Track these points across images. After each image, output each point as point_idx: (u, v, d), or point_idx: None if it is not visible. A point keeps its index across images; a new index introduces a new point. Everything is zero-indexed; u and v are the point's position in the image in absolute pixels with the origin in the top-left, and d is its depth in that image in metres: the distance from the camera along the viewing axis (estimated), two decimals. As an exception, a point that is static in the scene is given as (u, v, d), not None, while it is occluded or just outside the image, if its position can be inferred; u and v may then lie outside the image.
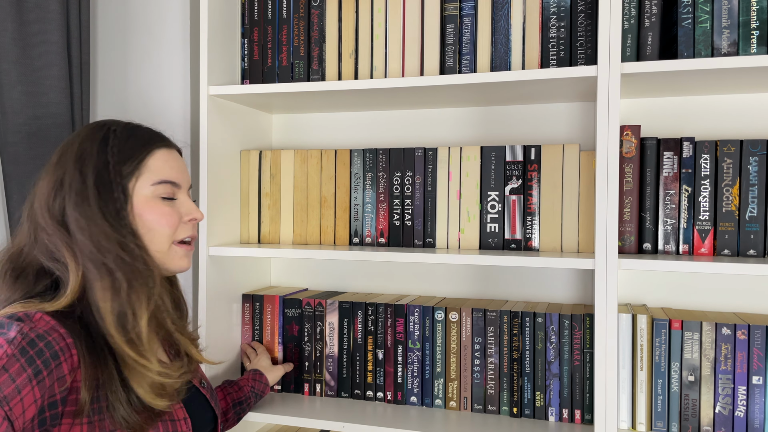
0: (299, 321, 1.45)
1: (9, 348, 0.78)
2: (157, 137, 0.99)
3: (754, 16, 1.11)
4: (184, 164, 1.03)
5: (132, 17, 1.66)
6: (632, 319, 1.23)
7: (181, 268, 0.99)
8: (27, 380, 0.78)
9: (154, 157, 0.96)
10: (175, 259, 0.98)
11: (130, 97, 1.67)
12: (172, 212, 0.96)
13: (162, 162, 0.97)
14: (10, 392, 0.76)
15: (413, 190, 1.37)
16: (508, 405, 1.31)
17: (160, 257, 0.96)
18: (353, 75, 1.35)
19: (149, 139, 0.98)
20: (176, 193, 0.98)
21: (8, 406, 0.75)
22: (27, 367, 0.78)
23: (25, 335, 0.80)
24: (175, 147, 1.03)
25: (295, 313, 1.45)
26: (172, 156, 1.00)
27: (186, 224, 0.99)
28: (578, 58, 1.23)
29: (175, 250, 0.98)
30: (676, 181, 1.22)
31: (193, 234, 1.01)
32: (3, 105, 1.38)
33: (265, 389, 1.33)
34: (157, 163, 0.96)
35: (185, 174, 1.02)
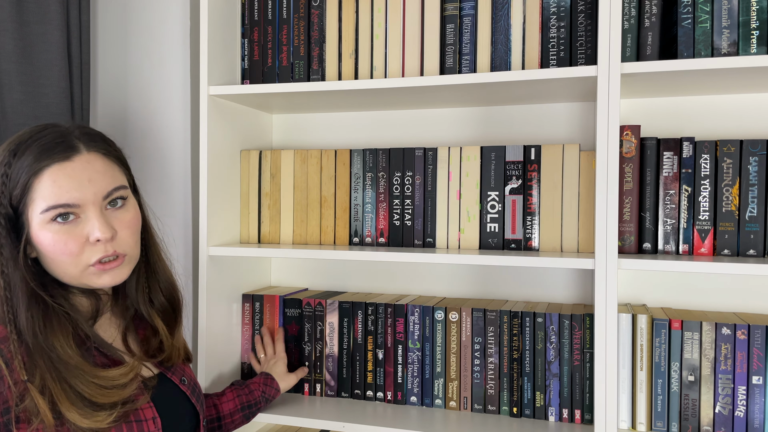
0: (299, 321, 1.45)
1: None
2: (46, 153, 0.88)
3: (754, 16, 1.11)
4: (92, 172, 0.90)
5: (132, 17, 1.66)
6: (632, 319, 1.23)
7: (103, 285, 0.92)
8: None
9: (41, 178, 0.86)
10: (92, 278, 0.91)
11: (130, 97, 1.67)
12: (69, 239, 0.87)
13: (50, 182, 0.86)
14: None
15: (413, 190, 1.37)
16: (508, 405, 1.31)
17: (76, 280, 0.91)
18: (353, 75, 1.35)
19: (36, 158, 0.87)
20: (77, 212, 0.88)
21: None
22: None
23: None
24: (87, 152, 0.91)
25: (295, 313, 1.45)
26: (66, 171, 0.88)
27: (94, 245, 0.89)
28: (578, 58, 1.23)
29: (90, 270, 0.90)
30: (676, 181, 1.22)
31: (106, 253, 0.90)
32: (3, 105, 1.38)
33: (276, 395, 1.32)
34: (44, 186, 0.86)
35: (92, 184, 0.89)
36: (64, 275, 0.90)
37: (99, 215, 0.89)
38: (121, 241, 0.92)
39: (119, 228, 0.92)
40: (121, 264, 0.92)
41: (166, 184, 1.63)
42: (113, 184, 0.92)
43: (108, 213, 0.92)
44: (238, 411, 1.23)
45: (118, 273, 0.92)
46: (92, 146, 0.92)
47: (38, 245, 0.88)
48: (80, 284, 0.91)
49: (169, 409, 0.97)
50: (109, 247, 0.90)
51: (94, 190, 0.89)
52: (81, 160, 0.90)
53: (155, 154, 1.63)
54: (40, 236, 0.87)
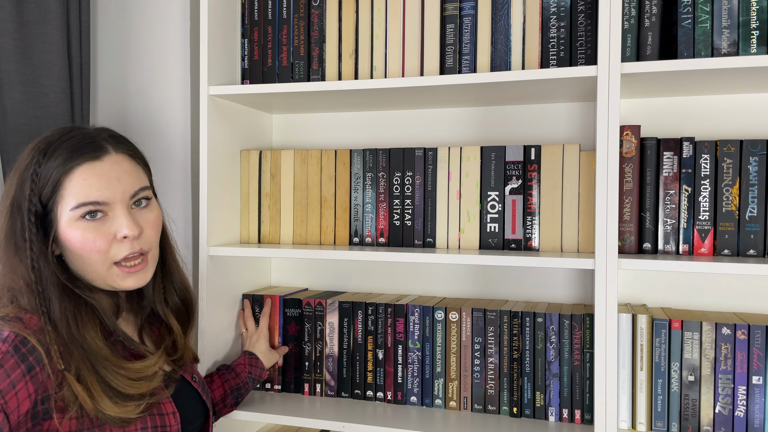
0: (299, 321, 1.45)
1: (3, 346, 0.82)
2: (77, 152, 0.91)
3: (754, 16, 1.11)
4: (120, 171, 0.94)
5: (132, 17, 1.66)
6: (632, 319, 1.23)
7: (128, 287, 0.95)
8: (21, 375, 0.81)
9: (72, 177, 0.90)
10: (117, 280, 0.94)
11: (130, 97, 1.67)
12: (97, 236, 0.90)
13: (81, 181, 0.90)
14: (5, 386, 0.79)
15: (413, 190, 1.37)
16: (508, 405, 1.31)
17: (101, 278, 0.93)
18: (353, 75, 1.35)
19: (68, 157, 0.90)
20: (106, 210, 0.92)
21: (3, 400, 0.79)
22: (21, 363, 0.82)
23: (17, 334, 0.84)
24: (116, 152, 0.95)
25: (295, 313, 1.45)
26: (96, 170, 0.91)
27: (121, 243, 0.92)
28: (578, 58, 1.23)
29: (115, 271, 0.93)
30: (676, 181, 1.22)
31: (133, 250, 0.93)
32: (3, 105, 1.38)
33: (262, 374, 1.35)
34: (74, 184, 0.90)
35: (121, 183, 0.93)
36: (90, 273, 0.93)
37: (126, 213, 0.93)
38: (146, 239, 0.96)
39: (144, 226, 0.96)
40: (145, 266, 0.96)
41: (166, 184, 1.63)
42: (139, 184, 0.96)
43: (134, 212, 0.95)
44: (228, 396, 1.26)
45: (143, 276, 0.96)
46: (119, 147, 0.96)
47: (66, 242, 0.91)
48: (104, 284, 0.94)
49: (184, 404, 1.01)
50: (135, 245, 0.94)
51: (122, 189, 0.93)
52: (110, 161, 0.94)
53: (155, 154, 1.63)
54: (69, 233, 0.90)
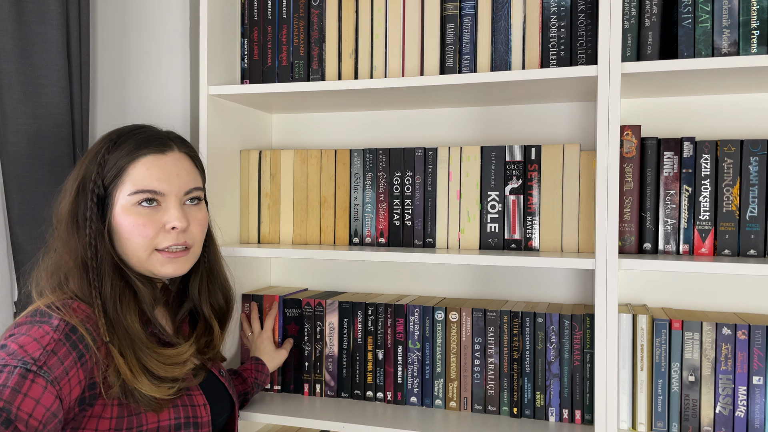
0: (299, 321, 1.45)
1: (55, 334, 0.86)
2: (146, 143, 0.99)
3: (755, 16, 1.11)
4: (180, 168, 1.01)
5: (132, 17, 1.66)
6: (632, 319, 1.23)
7: (165, 274, 1.00)
8: (73, 362, 0.85)
9: (137, 165, 0.97)
10: (156, 265, 0.99)
11: (130, 97, 1.67)
12: (148, 222, 0.96)
13: (144, 170, 0.97)
14: (60, 373, 0.83)
15: (413, 190, 1.37)
16: (508, 405, 1.31)
17: (141, 263, 0.98)
18: (353, 75, 1.35)
19: (137, 146, 0.98)
20: (161, 200, 0.98)
21: (59, 386, 0.83)
22: (72, 350, 0.86)
23: (67, 322, 0.88)
24: (178, 150, 1.02)
25: (295, 313, 1.45)
26: (160, 162, 0.99)
27: (168, 233, 0.98)
28: (578, 58, 1.23)
29: (156, 257, 0.98)
30: (676, 181, 1.22)
31: (177, 242, 0.99)
32: (3, 105, 1.37)
33: (266, 380, 1.36)
34: (138, 171, 0.97)
35: (179, 179, 1.00)
36: (132, 257, 0.98)
37: (178, 206, 0.99)
38: (191, 234, 1.02)
39: (192, 222, 1.02)
40: (186, 256, 1.01)
41: (166, 184, 1.62)
42: (195, 184, 1.03)
43: (185, 208, 1.01)
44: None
45: (182, 265, 1.01)
46: (183, 147, 1.04)
47: (117, 225, 0.96)
48: (144, 269, 0.99)
49: (213, 397, 1.05)
50: (180, 237, 0.99)
51: (179, 183, 1.00)
52: (173, 157, 1.01)
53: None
54: (122, 217, 0.96)
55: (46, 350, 0.84)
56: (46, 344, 0.84)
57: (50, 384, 0.81)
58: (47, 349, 0.84)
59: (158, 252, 0.98)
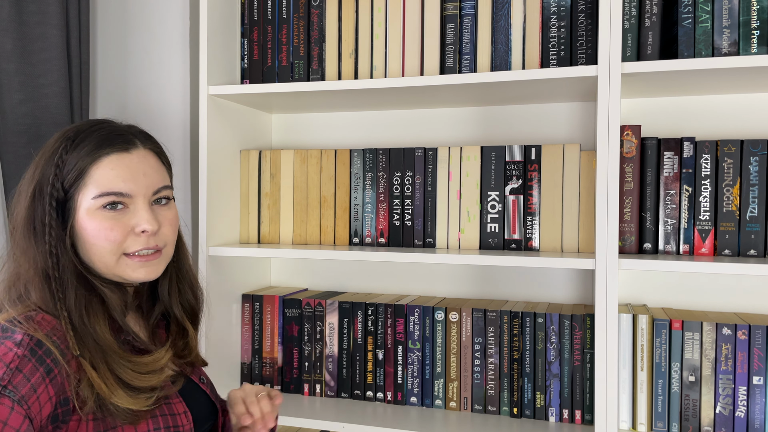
0: (299, 321, 1.45)
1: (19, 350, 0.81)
2: (108, 141, 0.91)
3: (755, 16, 1.11)
4: (146, 166, 0.94)
5: (132, 17, 1.66)
6: (633, 319, 1.23)
7: (137, 278, 0.93)
8: (41, 379, 0.80)
9: (99, 165, 0.90)
10: (127, 271, 0.92)
11: (130, 97, 1.67)
12: (115, 226, 0.90)
13: (108, 170, 0.90)
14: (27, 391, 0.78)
15: (413, 190, 1.37)
16: (508, 405, 1.31)
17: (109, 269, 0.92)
18: (353, 75, 1.35)
19: (98, 145, 0.90)
20: (128, 202, 0.91)
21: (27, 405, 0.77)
22: (39, 366, 0.81)
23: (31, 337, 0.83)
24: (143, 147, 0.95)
25: (295, 313, 1.45)
26: (125, 161, 0.91)
27: (137, 236, 0.91)
28: (578, 58, 1.23)
29: (125, 262, 0.92)
30: (676, 181, 1.22)
31: (147, 245, 0.92)
32: (2, 105, 1.37)
33: None
34: (101, 172, 0.89)
35: (146, 178, 0.93)
36: (99, 263, 0.91)
37: (147, 208, 0.93)
38: (162, 236, 0.95)
39: (163, 223, 0.95)
40: (158, 258, 0.95)
41: (166, 184, 1.62)
42: (163, 182, 0.96)
43: (154, 208, 0.95)
44: None
45: (155, 268, 0.95)
46: (148, 144, 0.96)
47: (81, 230, 0.90)
48: (113, 275, 0.93)
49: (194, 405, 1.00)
50: (151, 241, 0.93)
51: (146, 183, 0.93)
52: (138, 155, 0.93)
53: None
54: (86, 222, 0.90)
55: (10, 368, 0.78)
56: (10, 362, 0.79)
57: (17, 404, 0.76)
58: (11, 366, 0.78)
59: (127, 257, 0.92)
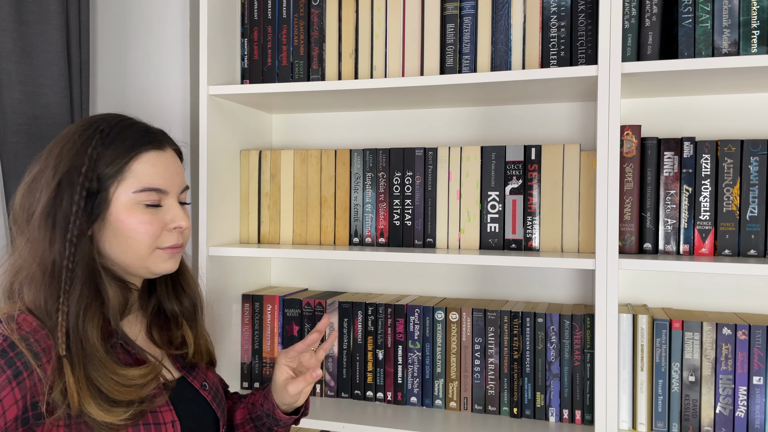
0: (299, 321, 1.45)
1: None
2: (146, 138, 0.94)
3: (755, 16, 1.11)
4: (176, 166, 0.97)
5: (132, 17, 1.66)
6: (633, 319, 1.23)
7: (165, 270, 0.96)
8: (6, 382, 0.80)
9: (140, 161, 0.91)
10: (158, 262, 0.94)
11: (130, 97, 1.66)
12: (153, 220, 0.92)
13: (148, 167, 0.92)
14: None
15: (413, 190, 1.37)
16: (508, 405, 1.31)
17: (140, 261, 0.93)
18: (353, 75, 1.35)
19: (137, 141, 0.92)
20: (162, 199, 0.94)
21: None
22: (7, 368, 0.80)
23: (6, 337, 0.82)
24: (170, 147, 0.98)
25: (295, 313, 1.45)
26: (162, 159, 0.94)
27: (171, 232, 0.94)
28: (578, 58, 1.23)
29: (158, 254, 0.94)
30: (676, 181, 1.22)
31: (177, 242, 0.95)
32: (2, 105, 1.37)
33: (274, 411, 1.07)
34: (142, 168, 0.91)
35: (176, 177, 0.96)
36: (131, 255, 0.92)
37: (179, 206, 0.97)
38: (186, 234, 0.99)
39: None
40: (180, 252, 0.98)
41: (166, 184, 1.62)
42: (185, 183, 1.01)
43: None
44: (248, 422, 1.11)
45: (177, 261, 0.98)
46: (173, 145, 1.00)
47: (117, 223, 0.90)
48: (141, 267, 0.94)
49: (190, 413, 0.96)
50: (180, 237, 0.97)
51: (177, 182, 0.97)
52: (170, 153, 0.97)
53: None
54: (124, 214, 0.90)
55: None
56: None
57: None
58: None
59: (160, 250, 0.94)
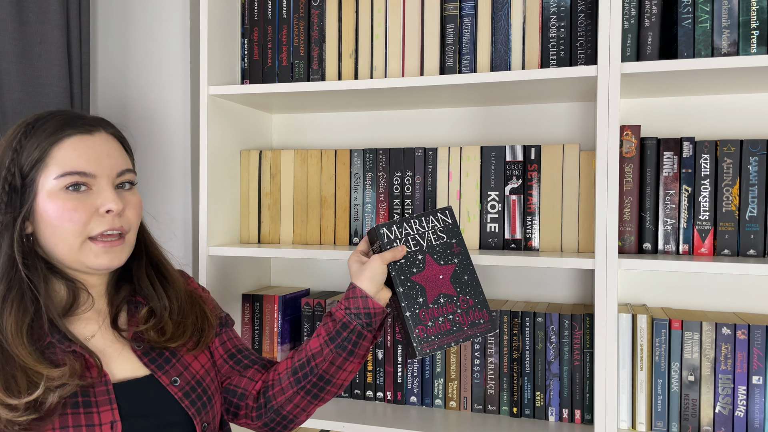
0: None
1: None
2: (70, 123, 0.90)
3: (754, 16, 1.11)
4: (109, 148, 0.93)
5: (132, 17, 1.66)
6: (632, 319, 1.23)
7: (100, 266, 0.91)
8: None
9: (62, 146, 0.88)
10: (90, 256, 0.90)
11: (130, 97, 1.67)
12: (78, 206, 0.88)
13: (70, 151, 0.88)
14: None
15: (413, 190, 1.37)
16: (508, 405, 1.31)
17: (73, 254, 0.90)
18: (353, 75, 1.35)
19: (59, 127, 0.89)
20: (91, 183, 0.90)
21: None
22: None
23: None
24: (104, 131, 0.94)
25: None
26: (87, 143, 0.90)
27: (102, 217, 0.90)
28: (578, 58, 1.23)
29: (89, 247, 0.90)
30: (676, 181, 1.22)
31: (112, 226, 0.90)
32: (3, 105, 1.38)
33: (364, 305, 1.00)
34: (63, 153, 0.88)
35: (108, 159, 0.92)
36: (62, 249, 0.89)
37: (111, 188, 0.92)
38: (127, 218, 0.94)
39: (127, 206, 0.94)
40: (121, 245, 0.93)
41: (166, 184, 1.63)
42: (126, 165, 0.95)
43: (118, 192, 0.94)
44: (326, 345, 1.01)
45: (118, 255, 0.92)
46: (110, 129, 0.96)
47: (43, 213, 0.88)
48: (76, 261, 0.90)
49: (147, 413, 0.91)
50: (116, 221, 0.91)
51: (110, 164, 0.92)
52: (100, 137, 0.93)
53: (155, 154, 1.63)
54: (47, 204, 0.88)
55: None
56: None
57: None
58: None
59: (92, 241, 0.90)
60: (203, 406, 0.98)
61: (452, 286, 1.04)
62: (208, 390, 1.00)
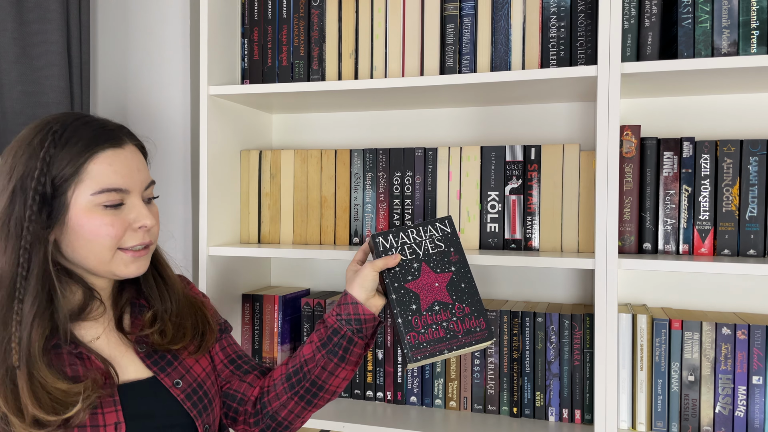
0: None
1: None
2: (101, 137, 0.90)
3: (754, 16, 1.11)
4: (137, 162, 0.93)
5: (132, 17, 1.66)
6: (632, 319, 1.23)
7: (130, 274, 0.93)
8: None
9: (96, 161, 0.88)
10: (120, 266, 0.91)
11: (130, 97, 1.67)
12: (115, 221, 0.89)
13: (105, 166, 0.88)
14: None
15: (413, 190, 1.37)
16: (508, 405, 1.31)
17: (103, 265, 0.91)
18: (353, 75, 1.35)
19: (92, 140, 0.89)
20: (124, 198, 0.91)
21: None
22: None
23: None
24: (130, 142, 0.94)
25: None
26: (120, 157, 0.90)
27: (135, 232, 0.91)
28: (578, 58, 1.23)
29: (120, 256, 0.91)
30: (676, 181, 1.22)
31: (143, 241, 0.92)
32: (3, 105, 1.38)
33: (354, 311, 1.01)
34: (98, 168, 0.88)
35: (138, 174, 0.93)
36: (93, 259, 0.90)
37: (143, 204, 0.93)
38: (153, 231, 0.96)
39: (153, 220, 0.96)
40: (147, 254, 0.95)
41: (166, 184, 1.63)
42: (150, 178, 0.97)
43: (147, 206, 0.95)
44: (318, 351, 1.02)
45: (143, 264, 0.94)
46: (134, 140, 0.96)
47: (77, 227, 0.88)
48: (105, 272, 0.91)
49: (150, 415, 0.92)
50: (146, 236, 0.93)
51: (140, 179, 0.93)
52: (130, 150, 0.93)
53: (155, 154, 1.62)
54: (83, 218, 0.88)
55: None
56: None
57: None
58: None
59: (122, 251, 0.91)
60: (204, 409, 0.99)
61: (448, 293, 1.03)
62: (209, 393, 1.01)
